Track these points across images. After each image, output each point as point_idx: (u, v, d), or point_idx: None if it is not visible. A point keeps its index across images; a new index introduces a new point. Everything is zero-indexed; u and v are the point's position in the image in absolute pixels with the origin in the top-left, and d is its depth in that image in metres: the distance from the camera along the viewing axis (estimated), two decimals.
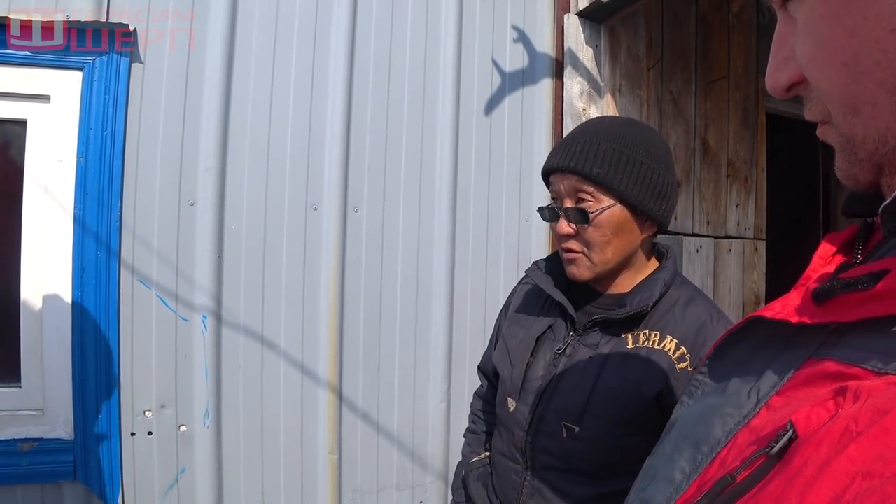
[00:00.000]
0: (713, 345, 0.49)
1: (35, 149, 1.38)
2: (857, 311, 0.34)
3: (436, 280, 1.72)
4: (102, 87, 1.37)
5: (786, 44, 0.38)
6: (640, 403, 0.95)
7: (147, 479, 1.45)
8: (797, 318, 0.38)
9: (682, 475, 0.43)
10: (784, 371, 0.40)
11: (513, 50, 1.82)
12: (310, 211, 1.58)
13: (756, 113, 2.34)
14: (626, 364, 0.97)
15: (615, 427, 0.97)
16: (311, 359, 1.59)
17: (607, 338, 1.00)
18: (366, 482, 1.66)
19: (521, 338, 1.11)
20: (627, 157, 0.94)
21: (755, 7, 2.32)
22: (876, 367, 0.32)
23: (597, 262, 0.98)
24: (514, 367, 1.08)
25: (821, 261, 0.45)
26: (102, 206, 1.38)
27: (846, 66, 0.33)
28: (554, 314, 1.08)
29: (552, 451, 1.01)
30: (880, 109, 0.33)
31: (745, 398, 0.41)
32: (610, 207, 0.95)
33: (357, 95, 1.63)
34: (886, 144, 0.34)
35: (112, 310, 1.39)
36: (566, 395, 1.00)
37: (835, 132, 0.37)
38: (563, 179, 0.97)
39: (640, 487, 0.49)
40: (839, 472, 0.27)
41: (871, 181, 0.37)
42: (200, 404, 1.48)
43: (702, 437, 0.43)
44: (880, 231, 0.41)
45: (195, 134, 1.47)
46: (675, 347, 0.96)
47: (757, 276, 2.36)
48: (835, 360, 0.36)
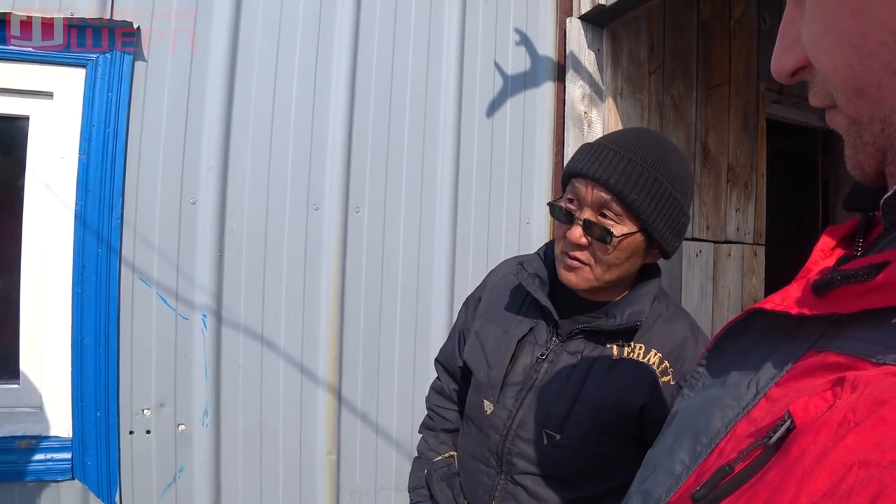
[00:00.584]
0: (713, 337, 0.49)
1: (37, 145, 1.38)
2: (857, 303, 0.34)
3: (436, 282, 1.72)
4: (105, 84, 1.37)
5: (793, 28, 0.39)
6: (622, 415, 0.95)
7: (145, 478, 1.45)
8: (797, 310, 0.38)
9: (681, 466, 0.43)
10: (783, 362, 0.40)
11: (515, 53, 1.83)
12: (311, 211, 1.58)
13: (756, 118, 2.35)
14: (611, 375, 0.96)
15: (595, 436, 0.97)
16: (311, 359, 1.59)
17: (591, 346, 0.98)
18: (364, 483, 1.66)
19: (498, 338, 1.08)
20: (665, 191, 0.92)
21: (756, 13, 2.33)
22: (875, 358, 0.32)
23: (598, 279, 0.96)
24: (493, 368, 1.05)
25: (821, 254, 0.45)
26: (104, 203, 1.38)
27: (853, 47, 0.33)
28: (535, 316, 1.05)
29: (530, 456, 1.00)
30: (885, 91, 0.33)
31: (745, 389, 0.41)
32: (632, 234, 0.92)
33: (359, 96, 1.63)
34: (891, 126, 0.34)
35: (112, 307, 1.39)
36: (548, 403, 0.98)
37: (842, 117, 0.37)
38: (593, 189, 0.92)
39: (640, 479, 0.49)
40: (837, 461, 0.27)
41: (876, 170, 0.37)
42: (199, 403, 1.48)
43: (701, 429, 0.43)
44: (881, 224, 0.41)
45: (197, 133, 1.47)
46: (660, 361, 0.95)
47: (756, 280, 2.37)
48: (834, 351, 0.36)
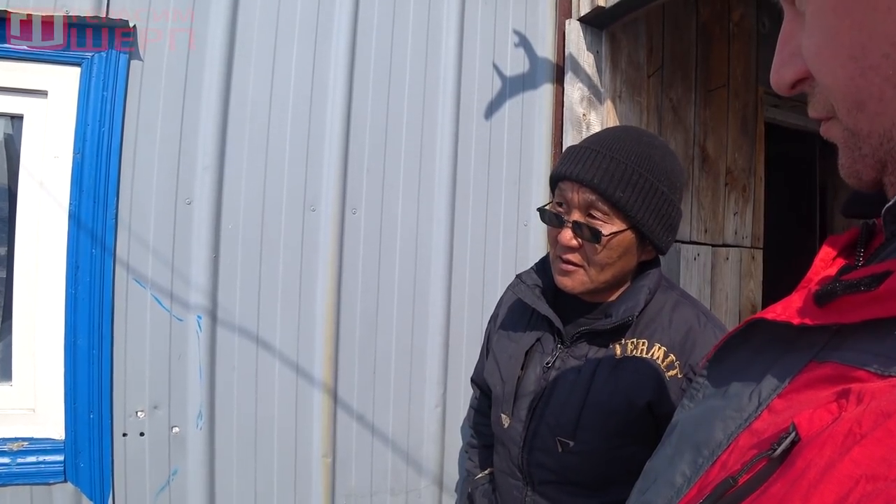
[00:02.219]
0: (714, 347, 0.49)
1: (31, 144, 1.37)
2: (860, 313, 0.34)
3: (433, 283, 1.71)
4: (101, 83, 1.36)
5: (792, 40, 0.38)
6: (631, 414, 0.95)
7: (138, 481, 1.43)
8: (799, 320, 0.38)
9: (682, 478, 0.42)
10: (786, 373, 0.39)
11: (514, 54, 1.82)
12: (307, 212, 1.57)
13: (755, 122, 2.35)
14: (615, 375, 0.96)
15: (609, 439, 0.96)
16: (307, 361, 1.57)
17: (595, 349, 0.98)
18: (360, 486, 1.65)
19: (510, 352, 1.10)
20: (651, 186, 0.91)
21: (755, 17, 2.33)
22: (879, 370, 0.32)
23: (593, 280, 0.97)
24: (506, 382, 1.07)
25: (822, 263, 0.45)
26: (98, 203, 1.37)
27: (853, 59, 0.33)
28: (541, 327, 1.07)
29: (548, 465, 1.00)
30: (886, 105, 0.33)
31: (747, 401, 0.41)
32: (622, 232, 0.92)
33: (357, 97, 1.62)
34: (891, 140, 0.33)
35: (106, 308, 1.38)
36: (558, 411, 0.99)
37: (839, 128, 0.37)
38: (579, 191, 0.93)
39: (640, 490, 0.49)
40: (843, 474, 0.27)
41: (875, 179, 0.37)
42: (194, 405, 1.47)
43: (702, 440, 0.42)
44: (882, 234, 0.41)
45: (193, 133, 1.46)
46: (664, 355, 0.95)
47: (754, 284, 2.37)
48: (837, 362, 0.35)
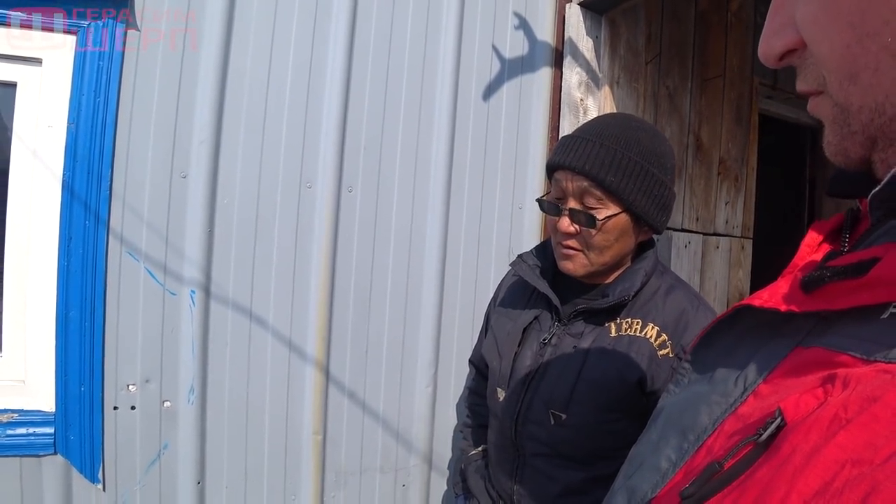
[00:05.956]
0: (699, 333, 0.49)
1: (24, 113, 1.34)
2: (847, 300, 0.34)
3: (427, 264, 1.71)
4: (97, 52, 1.34)
5: (783, 9, 0.37)
6: (623, 390, 0.98)
7: (129, 455, 1.43)
8: (785, 307, 0.38)
9: (668, 463, 0.43)
10: (771, 359, 0.39)
11: (513, 37, 1.81)
12: (303, 189, 1.56)
13: (749, 112, 2.36)
14: (609, 352, 0.99)
15: (600, 413, 0.99)
16: (300, 338, 1.58)
17: (591, 327, 1.02)
18: (349, 463, 1.66)
19: (508, 329, 1.13)
20: (640, 168, 0.95)
21: (753, 7, 2.34)
22: (864, 355, 0.32)
23: (594, 263, 1.00)
24: (503, 357, 1.11)
25: (808, 248, 0.45)
26: (92, 174, 1.35)
27: (852, 26, 0.32)
28: (540, 305, 1.10)
29: (540, 438, 1.03)
30: (882, 76, 0.32)
31: (732, 386, 0.41)
32: (616, 215, 0.96)
33: (355, 75, 1.61)
34: (884, 115, 0.33)
35: (99, 280, 1.37)
36: (552, 384, 1.01)
37: (828, 104, 0.36)
38: (573, 179, 0.96)
39: (626, 475, 0.49)
40: (829, 459, 0.27)
41: (862, 157, 0.36)
42: (185, 380, 1.46)
43: (688, 425, 0.43)
44: (867, 219, 0.41)
45: (190, 106, 1.44)
46: (657, 335, 0.98)
47: (742, 274, 2.40)
48: (823, 347, 0.36)
